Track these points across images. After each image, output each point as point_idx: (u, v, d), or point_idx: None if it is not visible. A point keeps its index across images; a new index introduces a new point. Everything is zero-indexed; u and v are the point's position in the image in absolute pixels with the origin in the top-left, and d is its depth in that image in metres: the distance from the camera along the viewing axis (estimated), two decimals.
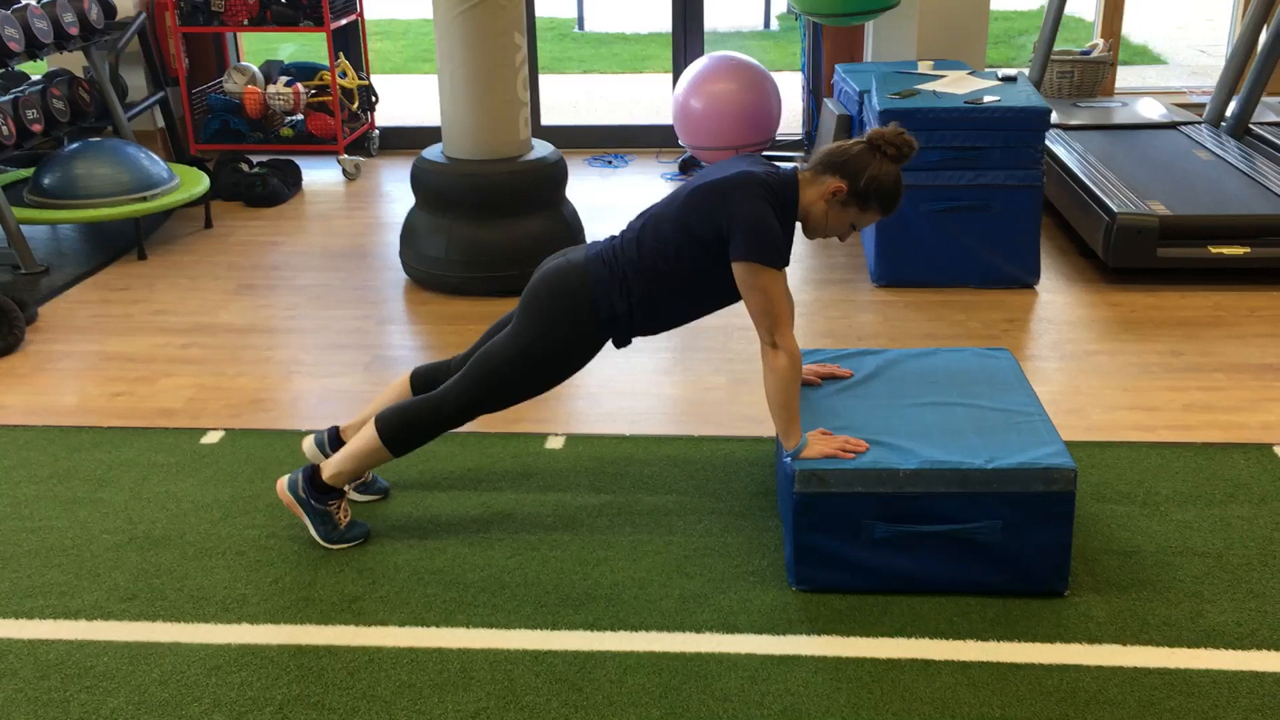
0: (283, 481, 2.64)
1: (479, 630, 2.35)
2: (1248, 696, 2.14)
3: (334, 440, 2.82)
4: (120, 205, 4.50)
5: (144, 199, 4.55)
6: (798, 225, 2.54)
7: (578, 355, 2.58)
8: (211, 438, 3.15)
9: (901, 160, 2.47)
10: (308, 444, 2.84)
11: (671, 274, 2.50)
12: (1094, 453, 2.99)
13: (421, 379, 2.77)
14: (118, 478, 2.95)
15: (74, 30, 4.77)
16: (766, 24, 10.63)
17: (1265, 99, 5.58)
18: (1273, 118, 5.38)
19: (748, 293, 2.42)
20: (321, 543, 2.62)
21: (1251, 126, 5.17)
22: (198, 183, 4.82)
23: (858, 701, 2.14)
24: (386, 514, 2.77)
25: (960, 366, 2.80)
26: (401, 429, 2.57)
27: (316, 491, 2.61)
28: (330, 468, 2.62)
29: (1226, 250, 4.08)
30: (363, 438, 2.60)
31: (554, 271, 2.57)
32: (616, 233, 2.62)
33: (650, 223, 2.54)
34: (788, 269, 2.49)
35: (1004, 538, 2.37)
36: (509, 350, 2.54)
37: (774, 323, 2.41)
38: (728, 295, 2.53)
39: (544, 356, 2.54)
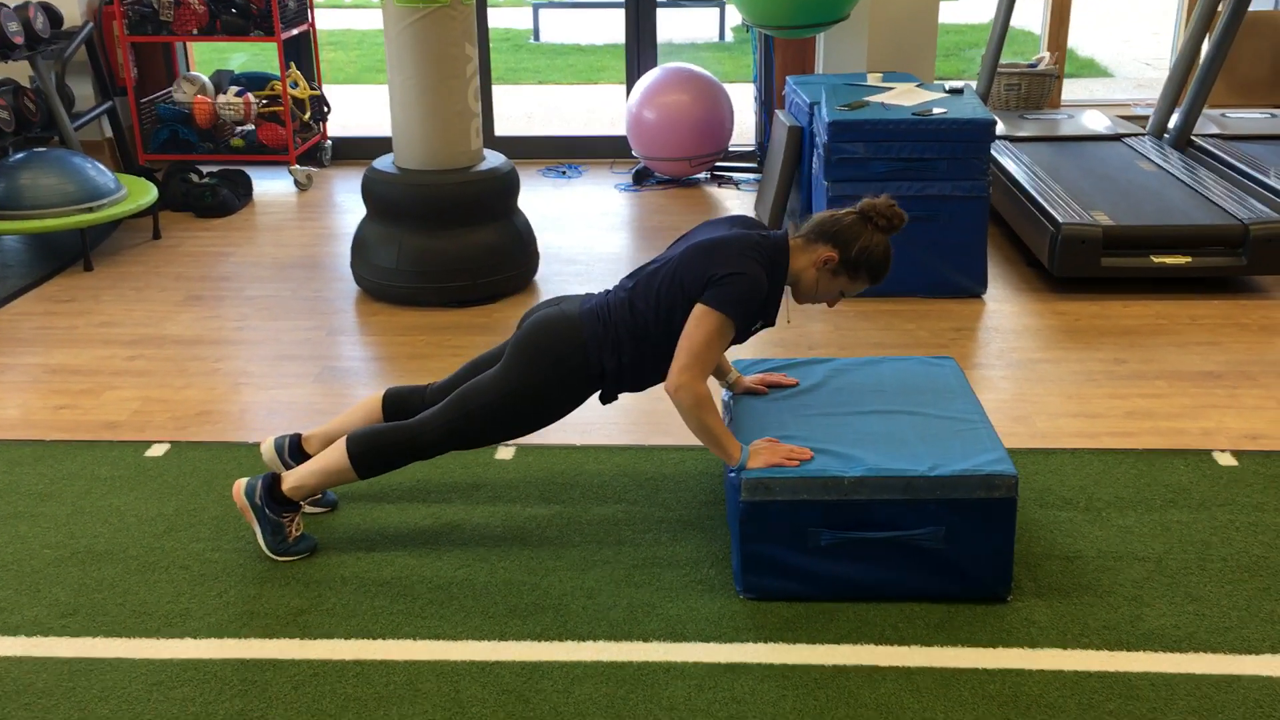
0: (240, 485, 2.62)
1: (426, 642, 2.34)
2: (1185, 699, 2.17)
3: (294, 448, 2.80)
4: (66, 216, 4.45)
5: (90, 210, 4.50)
6: (786, 289, 2.58)
7: (562, 405, 2.58)
8: (156, 451, 3.12)
9: (892, 231, 2.51)
10: (267, 446, 2.81)
11: (663, 335, 2.51)
12: (1038, 459, 3.03)
13: (394, 403, 2.75)
14: (60, 492, 2.92)
15: (19, 39, 4.71)
16: (720, 36, 10.70)
17: (1207, 111, 5.68)
18: (1214, 130, 5.49)
19: (694, 328, 2.43)
20: (268, 553, 2.60)
21: (1193, 138, 5.27)
22: (146, 193, 4.77)
23: (803, 708, 2.15)
24: (334, 526, 2.76)
25: (906, 375, 2.83)
26: (372, 453, 2.56)
27: (274, 502, 2.59)
28: (291, 480, 2.60)
29: (1169, 260, 4.15)
30: (330, 456, 2.58)
31: (548, 321, 2.56)
32: (610, 287, 2.64)
33: (642, 282, 2.55)
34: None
35: (947, 544, 2.40)
36: (494, 392, 2.54)
37: (694, 364, 2.41)
38: None
39: (528, 403, 2.54)
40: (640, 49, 6.06)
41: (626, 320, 2.52)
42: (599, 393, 2.61)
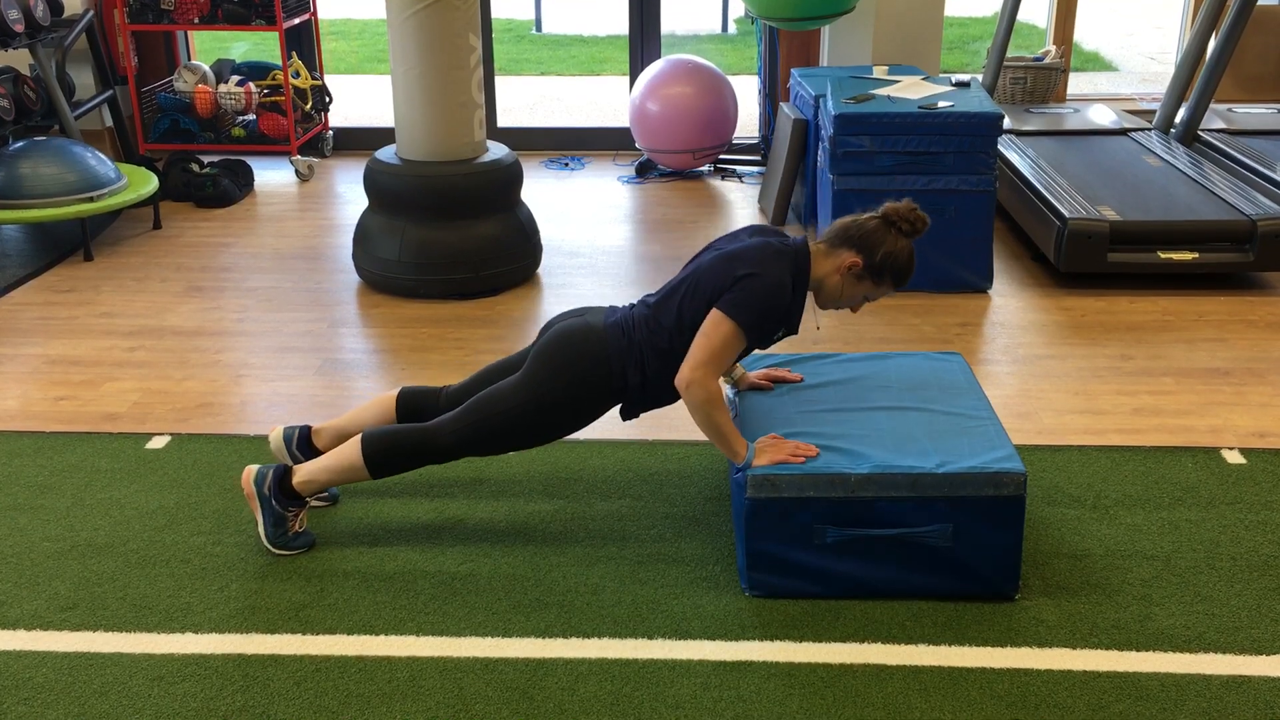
0: (250, 471, 2.59)
1: (429, 638, 2.32)
2: (1195, 699, 2.16)
3: (303, 440, 2.78)
4: (66, 206, 4.42)
5: (90, 199, 4.47)
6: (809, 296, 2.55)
7: (583, 417, 2.57)
8: (157, 443, 3.10)
9: (914, 235, 2.49)
10: (275, 435, 2.80)
11: (685, 350, 2.46)
12: (1044, 456, 3.01)
13: (408, 403, 2.73)
14: (60, 484, 2.89)
15: (19, 27, 4.68)
16: (724, 28, 10.65)
17: (1213, 106, 5.65)
18: (1220, 125, 5.46)
19: (711, 329, 2.41)
20: (267, 544, 2.58)
21: (1200, 133, 5.25)
22: (146, 183, 4.74)
23: (810, 707, 2.14)
24: (337, 520, 2.74)
25: (912, 370, 2.81)
26: (386, 454, 2.54)
27: (282, 494, 2.57)
28: (302, 474, 2.58)
29: (1175, 255, 4.13)
30: (343, 454, 2.56)
31: (573, 332, 2.55)
32: (635, 301, 2.62)
33: (667, 298, 2.54)
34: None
35: (955, 542, 2.38)
36: (515, 400, 2.52)
37: (709, 361, 2.40)
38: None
39: (549, 413, 2.53)
40: (644, 40, 6.02)
41: (649, 334, 2.51)
42: (620, 407, 2.59)
